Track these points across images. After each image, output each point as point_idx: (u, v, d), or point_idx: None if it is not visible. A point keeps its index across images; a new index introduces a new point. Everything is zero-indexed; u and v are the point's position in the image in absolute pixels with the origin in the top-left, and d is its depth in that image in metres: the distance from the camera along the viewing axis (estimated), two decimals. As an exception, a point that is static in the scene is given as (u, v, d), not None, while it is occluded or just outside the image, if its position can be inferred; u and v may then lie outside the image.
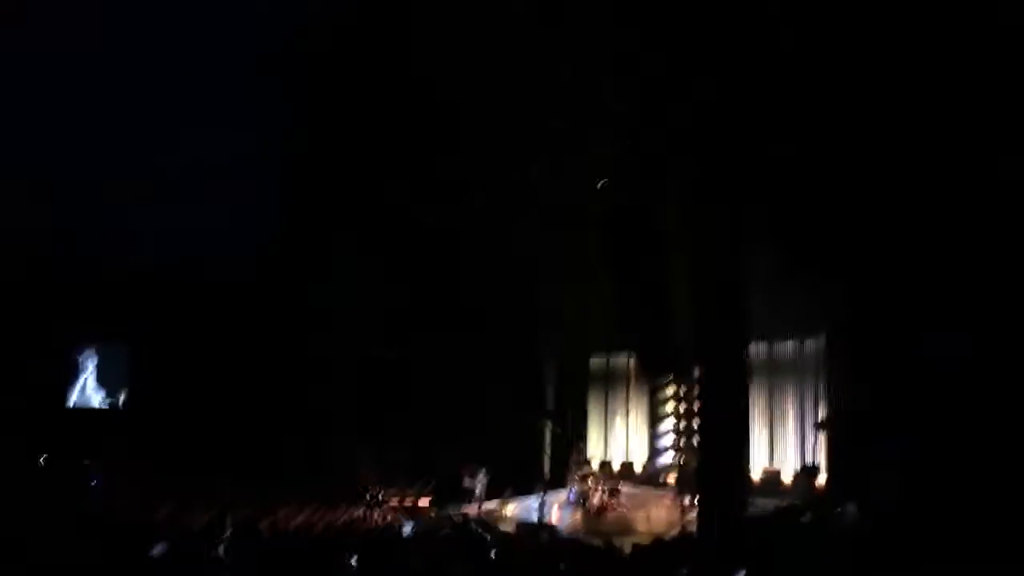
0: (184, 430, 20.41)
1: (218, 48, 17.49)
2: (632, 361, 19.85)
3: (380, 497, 18.34)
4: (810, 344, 15.94)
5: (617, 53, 13.36)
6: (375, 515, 15.75)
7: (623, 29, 13.21)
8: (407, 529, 9.26)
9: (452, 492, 18.90)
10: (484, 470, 17.74)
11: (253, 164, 18.68)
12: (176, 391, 21.50)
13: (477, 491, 17.66)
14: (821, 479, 15.01)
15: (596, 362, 21.18)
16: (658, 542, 10.03)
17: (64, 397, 24.81)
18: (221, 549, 5.31)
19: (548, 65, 14.07)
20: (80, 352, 25.03)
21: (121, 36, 17.11)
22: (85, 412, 24.47)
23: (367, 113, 17.58)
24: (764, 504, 14.02)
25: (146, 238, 19.94)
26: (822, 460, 15.16)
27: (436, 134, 16.50)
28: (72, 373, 25.09)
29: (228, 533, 8.46)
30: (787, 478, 16.30)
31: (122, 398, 24.11)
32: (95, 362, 24.87)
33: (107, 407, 24.32)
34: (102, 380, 24.75)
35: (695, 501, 14.74)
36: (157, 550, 6.79)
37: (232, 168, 18.33)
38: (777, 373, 16.75)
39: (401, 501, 17.99)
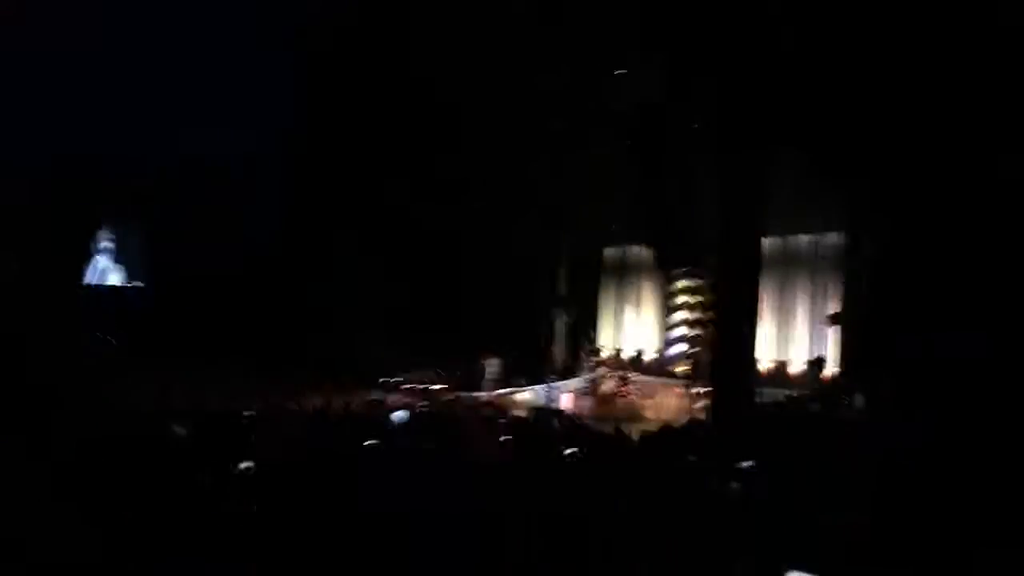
0: (202, 315, 20.68)
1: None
2: (647, 253, 19.90)
3: (394, 381, 18.77)
4: (826, 239, 15.92)
5: None
6: (390, 399, 16.10)
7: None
8: (399, 415, 9.43)
9: (470, 380, 19.32)
10: (497, 359, 18.05)
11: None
12: (195, 275, 21.71)
13: (489, 376, 18.02)
14: (829, 371, 15.22)
15: (611, 253, 21.25)
16: (666, 429, 10.25)
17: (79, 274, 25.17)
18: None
19: None
20: (96, 232, 25.24)
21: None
22: (103, 289, 24.83)
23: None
24: (773, 394, 14.28)
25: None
26: (831, 353, 15.34)
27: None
28: (87, 252, 25.36)
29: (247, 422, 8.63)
30: (796, 369, 16.56)
31: (137, 282, 24.45)
32: (112, 242, 25.11)
33: (126, 285, 24.69)
34: (119, 261, 25.07)
35: (704, 391, 15.01)
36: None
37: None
38: (791, 267, 16.79)
39: (417, 385, 18.41)
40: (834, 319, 14.92)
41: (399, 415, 10.41)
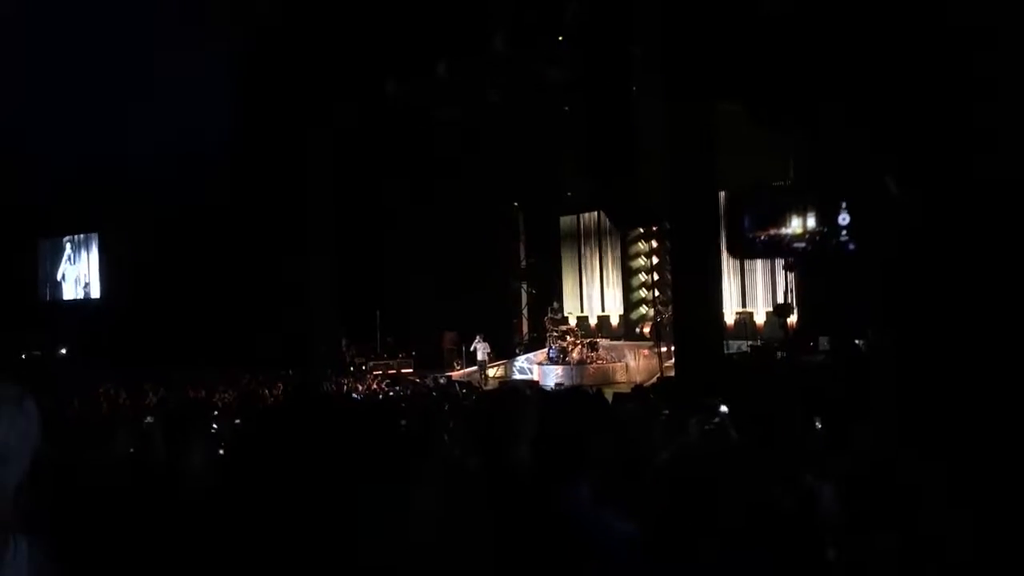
0: (158, 318, 20.30)
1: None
2: (602, 217, 19.92)
3: (364, 368, 18.66)
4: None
5: None
6: (360, 385, 16.01)
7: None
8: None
9: (432, 359, 19.20)
10: (480, 336, 17.86)
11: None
12: (149, 280, 21.30)
13: (479, 357, 17.80)
14: (792, 318, 15.34)
15: (566, 220, 21.23)
16: (638, 388, 10.31)
17: (37, 289, 24.69)
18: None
19: None
20: (51, 243, 24.73)
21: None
22: (59, 304, 24.40)
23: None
24: (739, 346, 14.40)
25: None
26: (792, 300, 15.45)
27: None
28: (43, 265, 24.86)
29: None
30: (759, 319, 16.71)
31: (95, 289, 23.98)
32: (67, 253, 24.63)
33: (81, 297, 24.25)
34: (73, 271, 24.59)
35: (671, 349, 15.08)
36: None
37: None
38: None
39: (384, 370, 18.32)
40: (794, 265, 14.96)
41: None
